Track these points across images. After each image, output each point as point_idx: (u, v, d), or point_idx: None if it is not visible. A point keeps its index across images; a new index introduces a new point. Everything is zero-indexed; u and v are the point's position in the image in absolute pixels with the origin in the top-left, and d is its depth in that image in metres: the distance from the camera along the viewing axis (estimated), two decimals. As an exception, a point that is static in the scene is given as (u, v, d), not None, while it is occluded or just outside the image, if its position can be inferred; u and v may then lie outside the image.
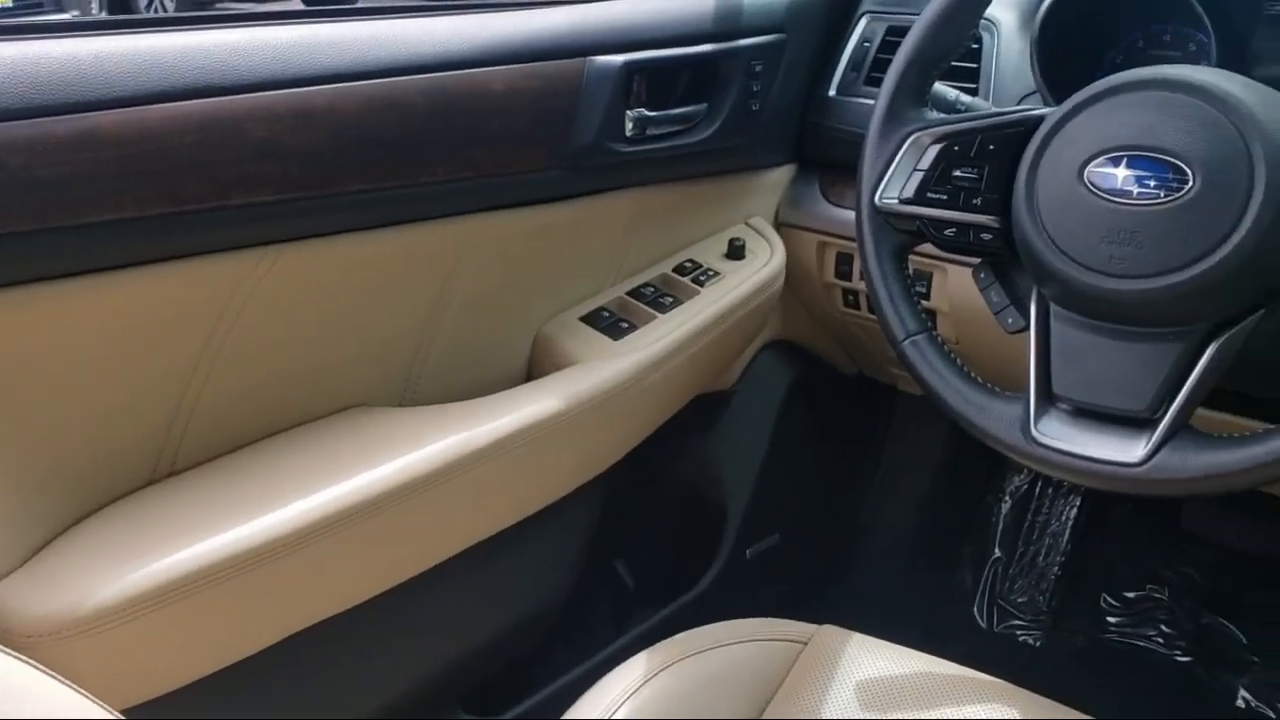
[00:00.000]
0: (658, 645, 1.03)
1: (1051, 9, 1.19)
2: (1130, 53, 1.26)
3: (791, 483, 1.78)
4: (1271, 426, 0.79)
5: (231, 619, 0.97)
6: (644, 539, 1.65)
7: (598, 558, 1.53)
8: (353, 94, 0.99)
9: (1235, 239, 0.77)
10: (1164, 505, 1.80)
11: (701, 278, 1.40)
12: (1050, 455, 0.86)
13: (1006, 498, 1.94)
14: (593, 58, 1.19)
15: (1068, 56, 1.22)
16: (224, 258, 0.97)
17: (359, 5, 1.64)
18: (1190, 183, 0.79)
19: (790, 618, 1.08)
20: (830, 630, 1.06)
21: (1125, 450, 0.82)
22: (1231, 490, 0.81)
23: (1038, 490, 1.92)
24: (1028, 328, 0.91)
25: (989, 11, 1.30)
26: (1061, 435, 0.86)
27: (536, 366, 1.32)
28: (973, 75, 1.31)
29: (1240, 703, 1.64)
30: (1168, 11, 1.19)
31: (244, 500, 0.99)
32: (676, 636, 1.05)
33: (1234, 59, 1.15)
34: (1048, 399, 0.88)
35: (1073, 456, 0.85)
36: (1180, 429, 0.82)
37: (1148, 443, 0.82)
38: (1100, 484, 0.86)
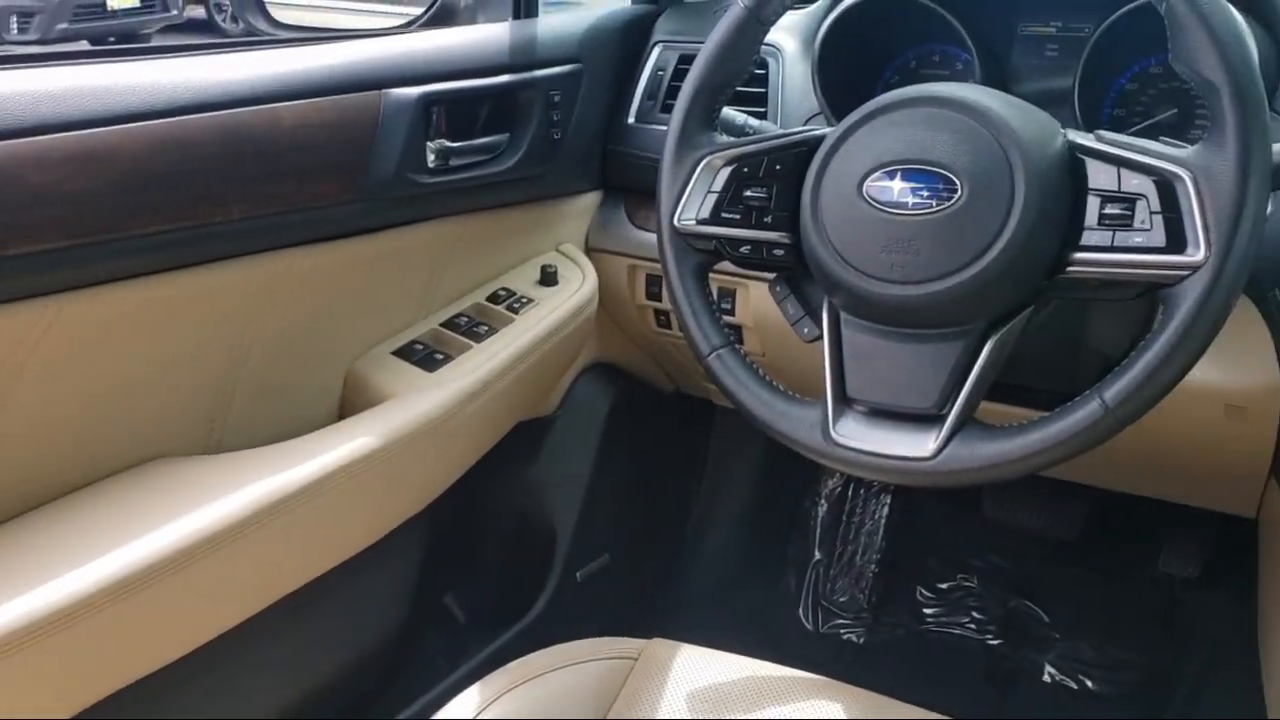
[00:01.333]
0: (491, 675, 1.03)
1: (828, 34, 1.26)
2: (904, 73, 1.34)
3: (618, 502, 1.80)
4: (1047, 414, 0.85)
5: (32, 687, 0.92)
6: (473, 570, 1.64)
7: (427, 593, 1.51)
8: (137, 135, 0.96)
9: (1001, 242, 0.83)
10: (967, 497, 1.90)
11: (515, 305, 1.41)
12: (849, 455, 0.90)
13: (822, 501, 2.01)
14: (389, 90, 1.19)
15: (846, 78, 1.29)
16: (3, 310, 0.92)
17: (147, 45, 1.59)
18: (959, 192, 0.85)
19: (623, 635, 1.10)
20: (660, 644, 1.08)
21: (917, 445, 0.87)
22: (1016, 475, 0.86)
23: (850, 492, 2.00)
24: (822, 336, 0.95)
25: (773, 38, 1.37)
26: (858, 435, 0.90)
27: (349, 405, 1.30)
28: (761, 99, 1.37)
29: (1046, 678, 1.75)
30: (935, 34, 1.28)
31: (34, 565, 0.93)
32: (509, 664, 1.05)
33: (995, 76, 1.25)
34: (844, 402, 0.92)
35: (869, 455, 0.89)
36: (966, 422, 0.87)
37: (937, 437, 0.87)
38: (897, 479, 0.91)
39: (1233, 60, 0.79)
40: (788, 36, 1.40)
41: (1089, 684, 1.73)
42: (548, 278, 1.45)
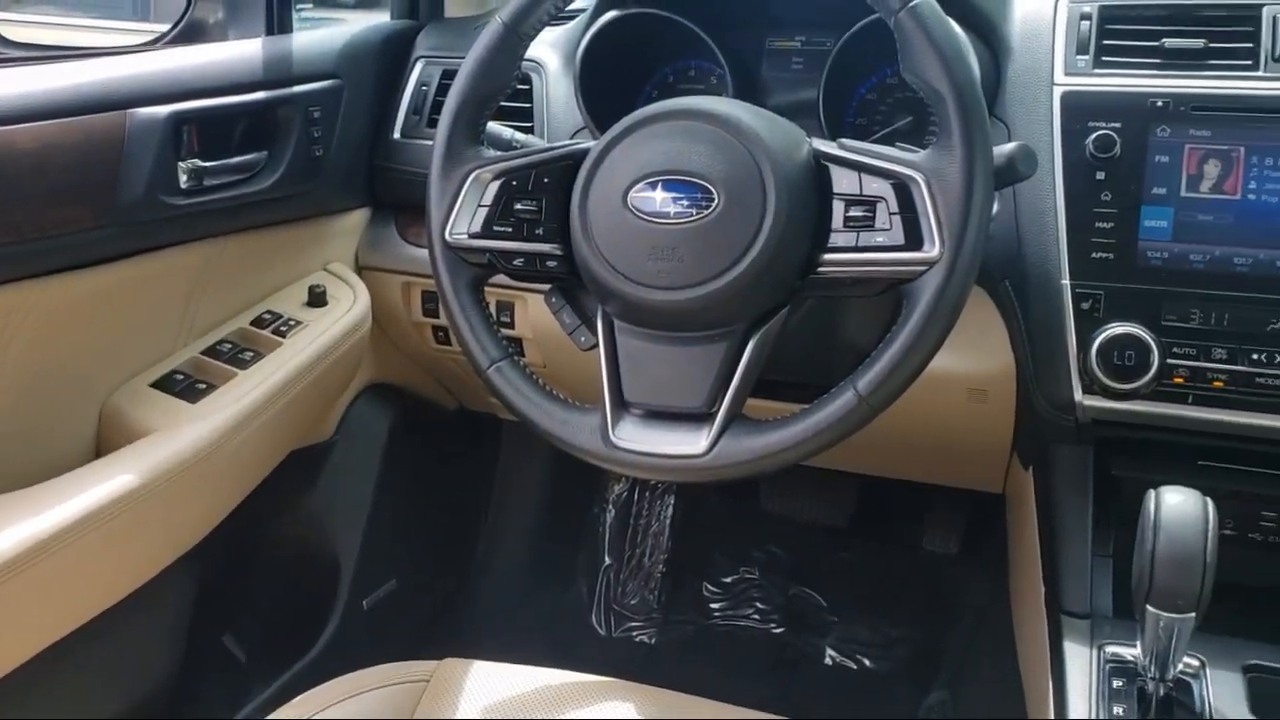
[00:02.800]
0: (276, 712, 0.99)
1: (588, 50, 1.28)
2: (663, 87, 1.39)
3: (404, 526, 1.77)
4: (808, 405, 0.90)
5: None
6: (253, 607, 1.57)
7: (203, 634, 1.44)
8: None
9: (757, 247, 0.87)
10: (746, 491, 1.98)
11: (283, 329, 1.36)
12: (628, 457, 0.92)
13: (610, 507, 2.04)
14: (135, 109, 1.13)
15: (609, 93, 1.32)
16: None
17: None
18: (716, 201, 0.89)
19: (416, 659, 1.08)
20: (451, 663, 1.07)
21: (690, 444, 0.90)
22: (784, 465, 0.91)
23: (636, 496, 2.04)
24: (598, 344, 0.97)
25: (536, 54, 1.39)
26: (636, 438, 0.93)
27: (106, 442, 1.22)
28: (527, 114, 1.38)
29: (828, 660, 1.84)
30: (690, 50, 1.32)
31: None
32: (295, 700, 1.02)
33: (748, 89, 1.31)
34: (622, 406, 0.94)
35: (647, 455, 0.92)
36: (735, 418, 0.91)
37: (708, 435, 0.90)
38: (674, 476, 0.94)
39: (956, 71, 0.85)
40: (550, 52, 1.42)
41: (866, 663, 1.82)
42: (316, 299, 1.41)
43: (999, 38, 1.18)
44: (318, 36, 1.45)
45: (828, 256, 0.90)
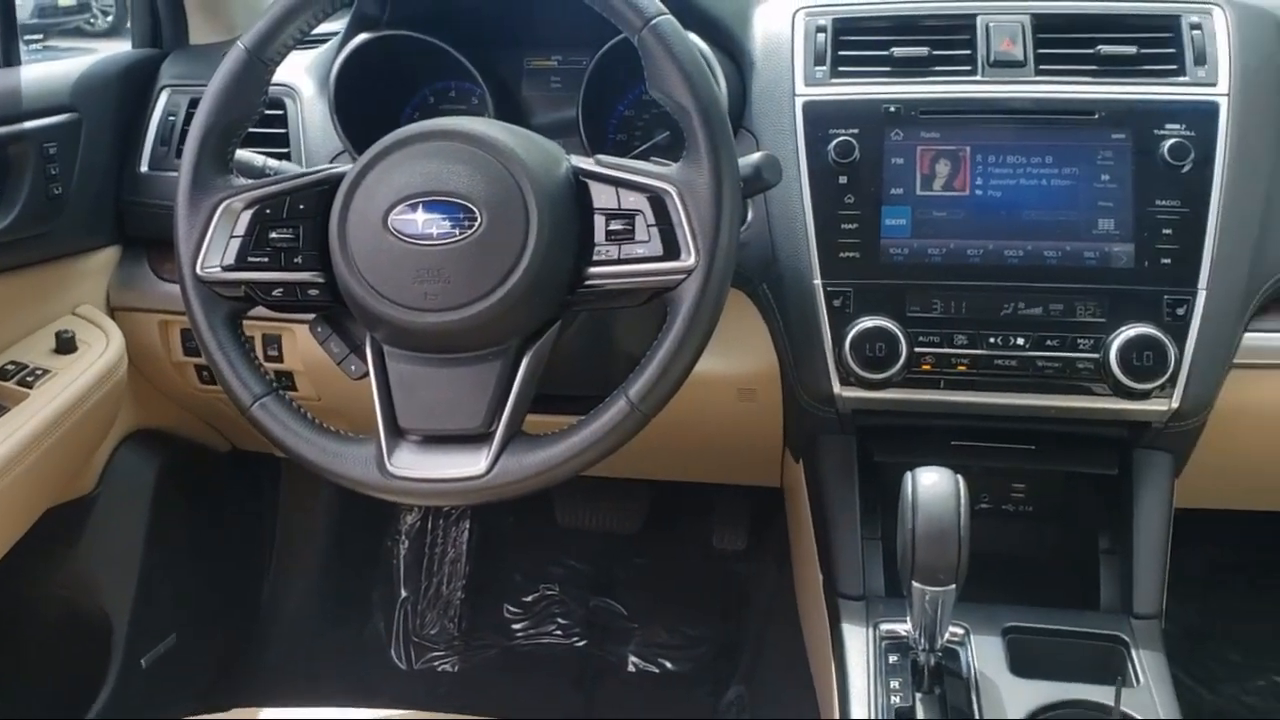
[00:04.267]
0: None
1: (341, 74, 1.26)
2: (424, 108, 1.38)
3: (180, 576, 1.68)
4: (584, 417, 0.91)
5: None
6: (18, 674, 1.46)
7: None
8: None
9: (523, 264, 0.88)
10: (539, 508, 1.98)
11: (29, 379, 1.27)
12: (406, 485, 0.91)
13: (403, 538, 2.01)
14: None
15: (368, 115, 1.30)
16: None
17: None
18: (479, 220, 0.89)
19: (205, 713, 1.03)
20: (238, 714, 1.02)
21: (470, 465, 0.90)
22: (565, 477, 0.92)
23: (430, 524, 2.01)
24: (369, 372, 0.96)
25: (289, 79, 1.35)
26: (414, 464, 0.91)
27: None
28: (283, 140, 1.34)
29: (631, 668, 1.86)
30: (449, 70, 1.32)
31: None
32: None
33: (509, 109, 1.31)
34: (397, 434, 0.93)
35: (425, 482, 0.91)
36: (514, 436, 0.91)
37: (488, 454, 0.90)
38: (456, 501, 0.93)
39: (697, 87, 0.89)
40: (305, 76, 1.38)
41: (669, 665, 1.86)
42: (64, 345, 1.32)
43: (742, 52, 1.23)
44: (50, 69, 1.37)
45: (593, 270, 0.92)
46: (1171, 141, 1.09)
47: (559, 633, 1.92)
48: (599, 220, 0.92)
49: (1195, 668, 1.74)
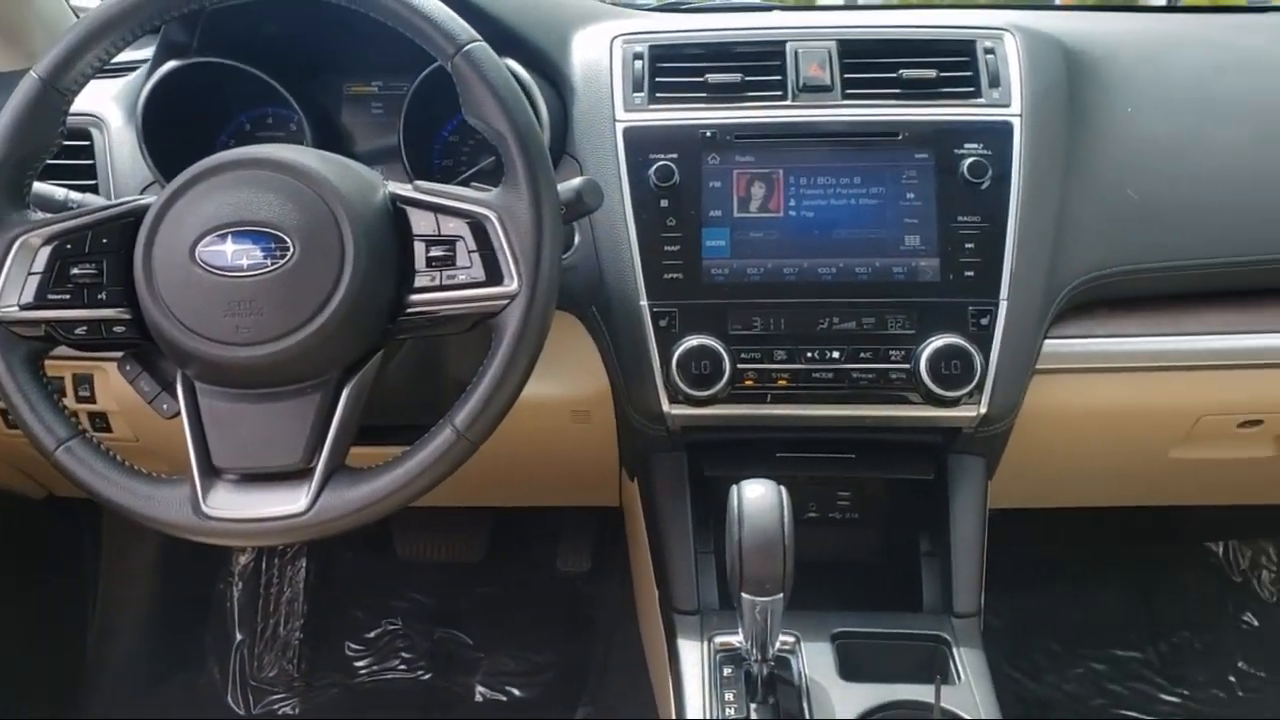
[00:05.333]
0: None
1: (149, 101, 1.21)
2: (239, 136, 1.34)
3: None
4: (409, 448, 0.90)
5: None
6: None
7: None
8: None
9: (339, 293, 0.87)
10: (379, 541, 1.94)
11: None
12: (223, 526, 0.88)
13: (236, 580, 1.94)
14: None
15: (180, 145, 1.25)
16: None
17: None
18: (292, 250, 0.87)
19: None
20: None
21: (290, 502, 0.88)
22: (392, 510, 0.90)
23: (265, 564, 1.95)
24: (181, 410, 0.92)
25: (95, 108, 1.30)
26: (231, 504, 0.89)
27: None
28: (90, 171, 1.29)
29: (478, 698, 1.84)
30: (265, 97, 1.29)
31: None
32: None
33: (329, 136, 1.29)
34: (212, 473, 0.90)
35: (244, 522, 0.88)
36: (336, 470, 0.90)
37: (309, 491, 0.88)
38: (277, 540, 0.91)
39: (512, 112, 0.89)
40: (111, 105, 1.33)
41: (516, 692, 1.85)
42: None
43: (563, 79, 1.24)
44: None
45: (414, 297, 0.91)
46: (970, 160, 1.15)
47: (403, 667, 1.89)
48: (419, 247, 0.91)
49: (1019, 660, 1.83)
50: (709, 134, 1.17)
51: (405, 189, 0.93)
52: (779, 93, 1.20)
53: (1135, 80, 1.25)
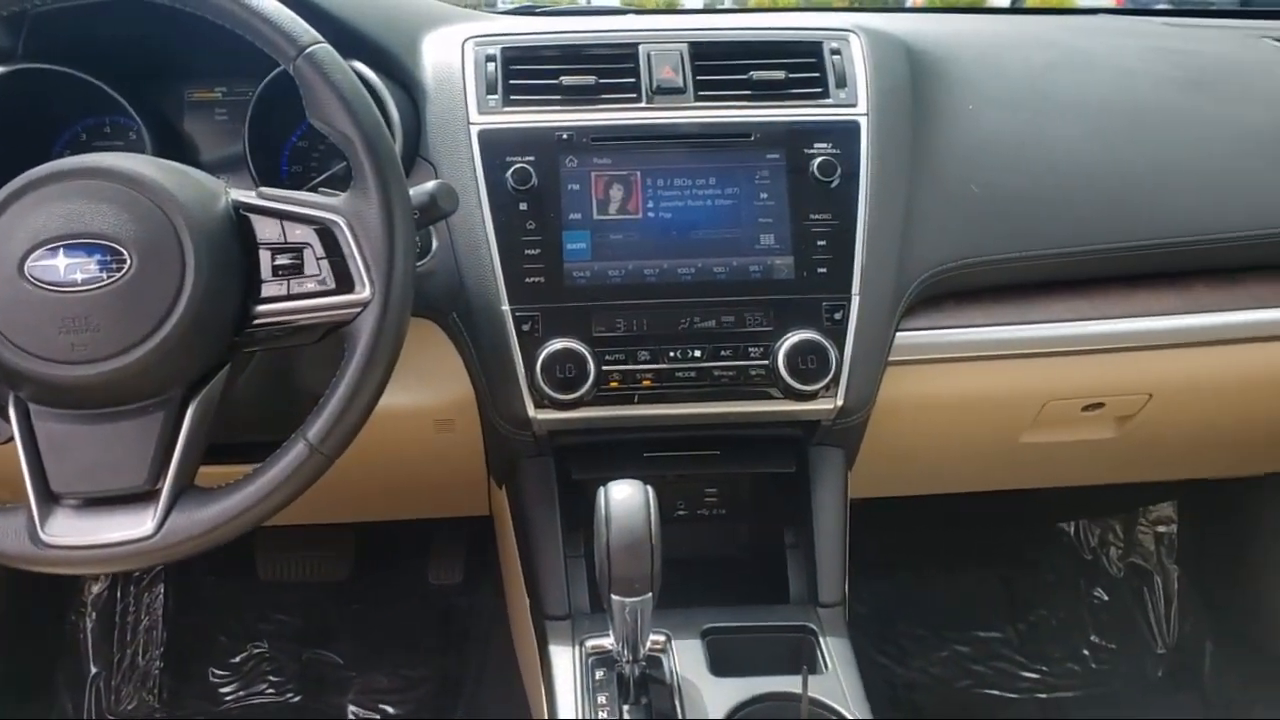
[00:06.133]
0: None
1: (-28, 110, 1.15)
2: (75, 145, 1.28)
3: None
4: (260, 465, 0.87)
5: None
6: None
7: None
8: None
9: (180, 306, 0.83)
10: (239, 563, 1.88)
11: None
12: (64, 555, 0.84)
13: (89, 609, 1.85)
14: None
15: (11, 156, 1.19)
16: None
17: None
18: (129, 263, 0.83)
19: None
20: None
21: (136, 526, 0.84)
22: (244, 530, 0.87)
23: (120, 592, 1.87)
24: (14, 435, 0.87)
25: (-85, 119, 1.22)
26: (71, 531, 0.84)
27: None
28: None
29: (351, 717, 1.79)
30: (103, 105, 1.23)
31: None
32: None
33: (170, 144, 1.24)
34: (50, 499, 0.85)
35: (88, 549, 0.84)
36: (184, 491, 0.86)
37: (155, 513, 0.84)
38: (123, 566, 0.87)
39: (359, 115, 0.87)
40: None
41: (390, 710, 1.81)
42: None
43: (414, 82, 1.22)
44: None
45: (261, 308, 0.88)
46: (820, 159, 1.17)
47: (271, 691, 1.83)
48: (264, 255, 0.88)
49: (887, 645, 1.88)
50: (565, 136, 1.17)
51: (248, 196, 0.90)
52: (633, 95, 1.20)
53: (975, 79, 1.30)
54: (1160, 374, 1.31)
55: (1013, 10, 2.06)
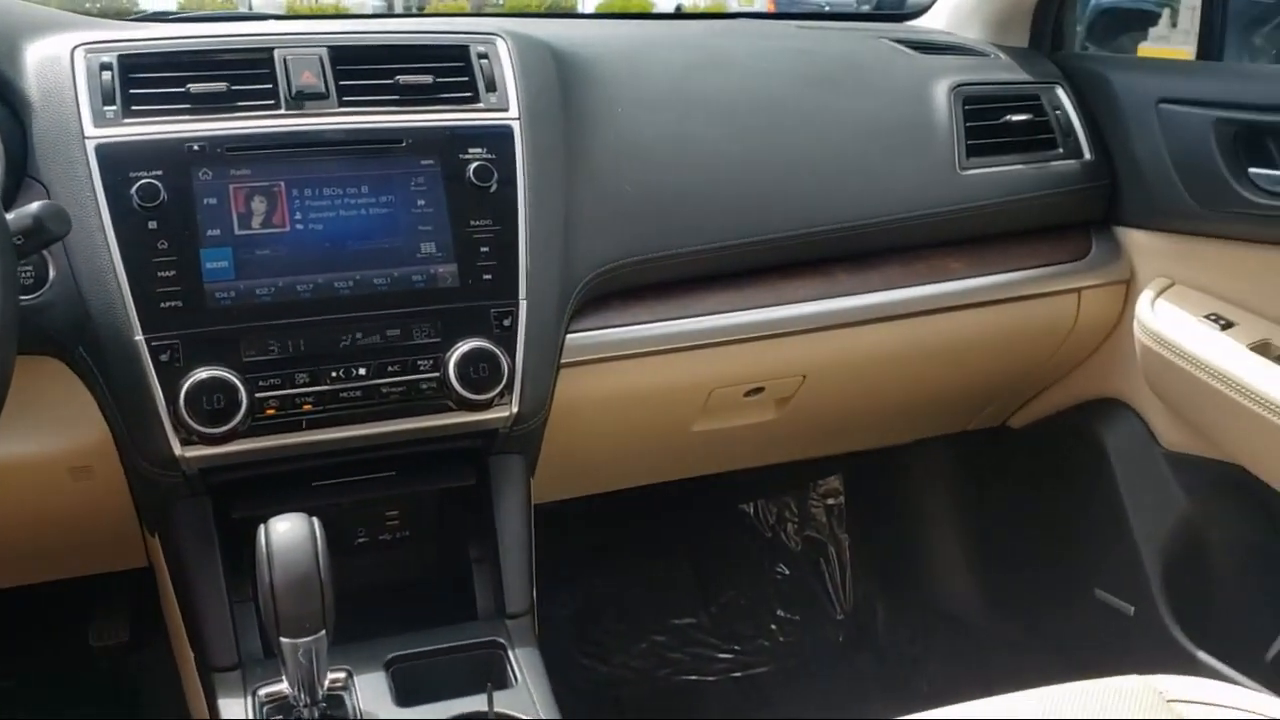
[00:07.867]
0: None
1: None
2: None
3: None
4: None
5: None
6: None
7: None
8: None
9: None
10: None
11: None
12: None
13: None
14: None
15: None
16: None
17: None
18: None
19: None
20: None
21: None
22: None
23: None
24: None
25: None
26: None
27: None
28: None
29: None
30: None
31: None
32: None
33: None
34: None
35: None
36: None
37: None
38: None
39: None
40: None
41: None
42: None
43: (16, 94, 1.09)
44: None
45: None
46: (475, 165, 1.15)
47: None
48: None
49: (587, 645, 1.89)
50: (196, 147, 1.08)
51: None
52: (270, 101, 1.13)
53: (621, 81, 1.33)
54: (810, 356, 1.39)
55: (673, 15, 2.14)
